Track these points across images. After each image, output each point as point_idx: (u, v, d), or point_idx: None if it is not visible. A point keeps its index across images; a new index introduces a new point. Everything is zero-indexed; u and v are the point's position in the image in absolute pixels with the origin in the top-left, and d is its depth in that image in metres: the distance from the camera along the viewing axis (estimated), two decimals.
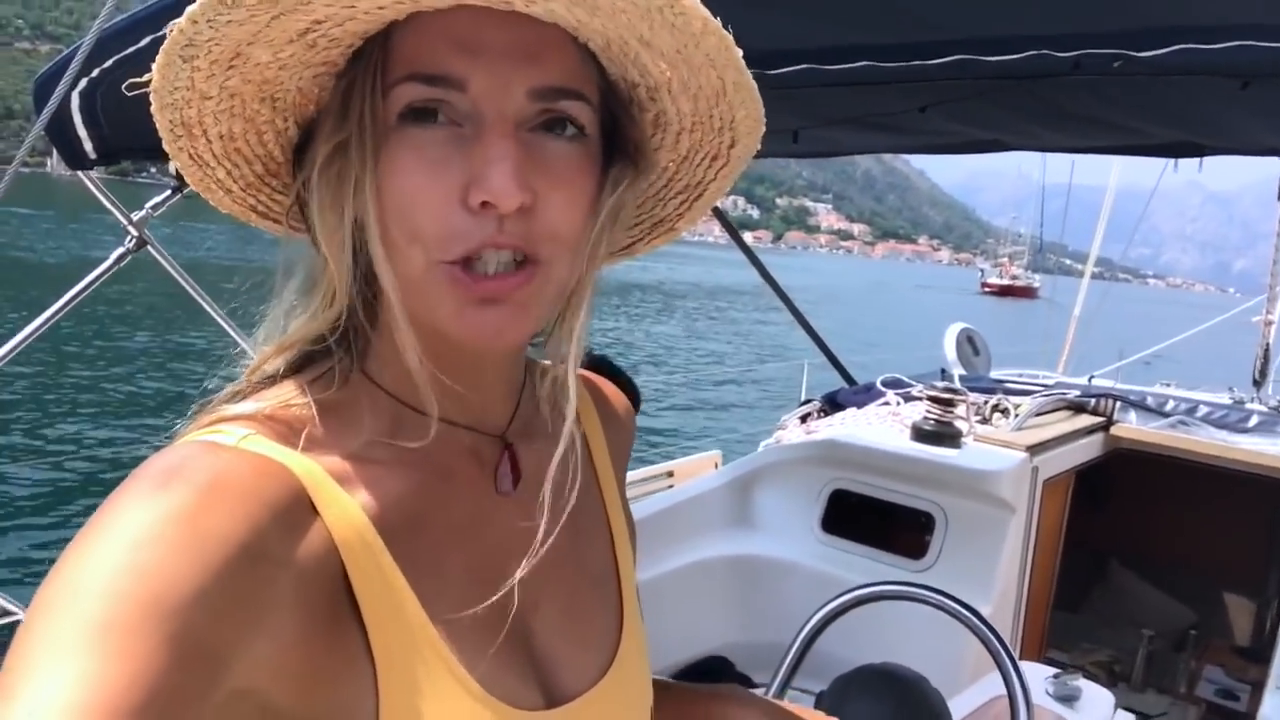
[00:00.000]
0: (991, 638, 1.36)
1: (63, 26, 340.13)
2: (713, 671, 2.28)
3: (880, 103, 1.83)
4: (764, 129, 0.65)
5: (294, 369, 0.63)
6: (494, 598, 0.63)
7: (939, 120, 1.85)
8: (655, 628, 2.23)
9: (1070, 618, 3.83)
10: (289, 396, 0.60)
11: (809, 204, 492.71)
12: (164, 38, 0.51)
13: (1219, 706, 3.59)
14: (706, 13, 0.55)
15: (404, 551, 0.58)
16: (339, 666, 0.54)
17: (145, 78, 0.58)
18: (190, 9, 0.52)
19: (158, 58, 0.56)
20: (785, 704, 0.96)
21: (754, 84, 0.61)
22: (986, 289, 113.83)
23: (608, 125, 0.63)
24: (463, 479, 0.65)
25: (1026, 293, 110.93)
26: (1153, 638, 3.72)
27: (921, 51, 1.51)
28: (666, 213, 0.74)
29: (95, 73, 1.96)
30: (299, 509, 0.54)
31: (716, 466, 3.87)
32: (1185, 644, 3.78)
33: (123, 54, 1.79)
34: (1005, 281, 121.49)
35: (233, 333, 2.55)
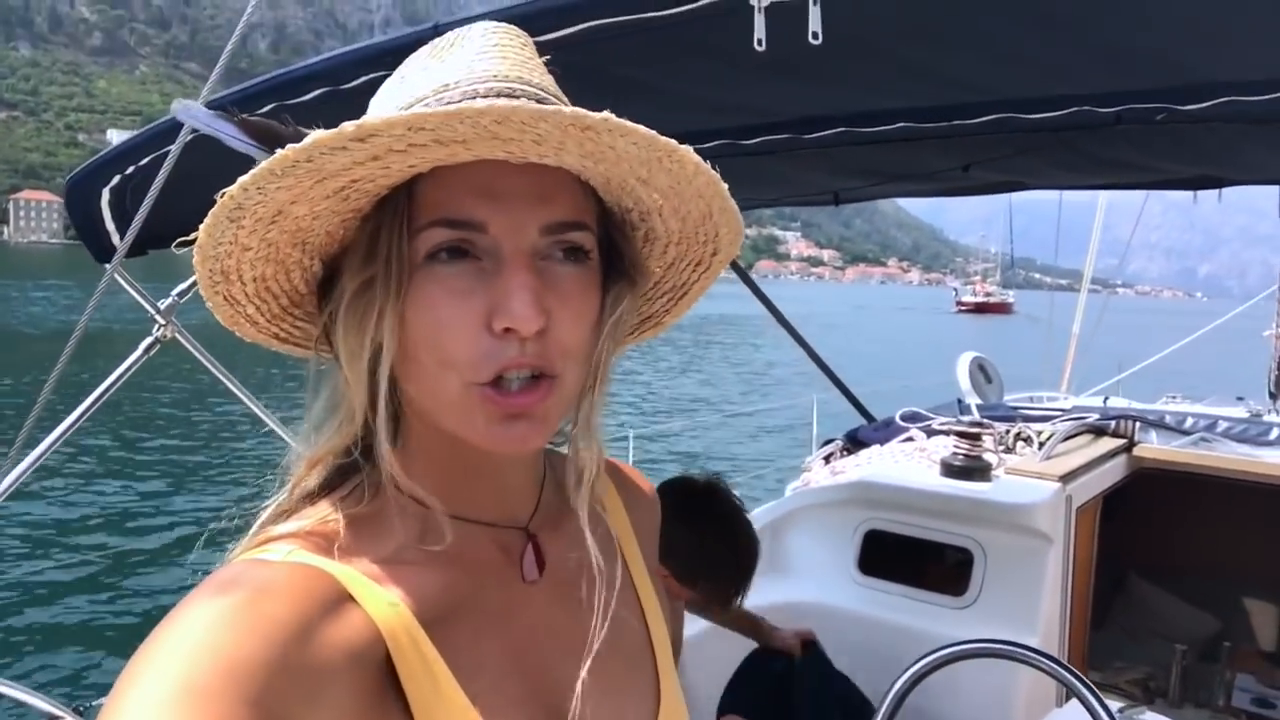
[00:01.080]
0: (1087, 693, 1.35)
1: (19, 94, 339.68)
2: None
3: (922, 161, 1.84)
4: (740, 240, 0.73)
5: (328, 483, 0.69)
6: (530, 681, 0.68)
7: (980, 172, 1.86)
8: (697, 685, 2.20)
9: (1095, 635, 3.82)
10: (325, 513, 0.66)
11: (778, 232, 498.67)
12: (194, 140, 0.57)
13: (1257, 716, 3.57)
14: (698, 158, 0.62)
15: (441, 640, 0.63)
16: None
17: (191, 236, 0.63)
18: (244, 178, 0.57)
19: (207, 219, 0.61)
20: None
21: (736, 207, 0.69)
22: (962, 307, 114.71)
23: (605, 245, 0.69)
24: (492, 572, 0.70)
25: (1001, 308, 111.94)
26: (1185, 651, 3.71)
27: (960, 112, 1.53)
28: (654, 310, 0.81)
29: (129, 170, 1.97)
30: (341, 602, 0.60)
31: None
32: (1217, 654, 3.77)
33: (154, 155, 1.81)
34: (980, 299, 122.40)
35: (261, 414, 2.54)
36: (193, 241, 0.63)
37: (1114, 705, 2.04)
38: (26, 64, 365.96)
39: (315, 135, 0.55)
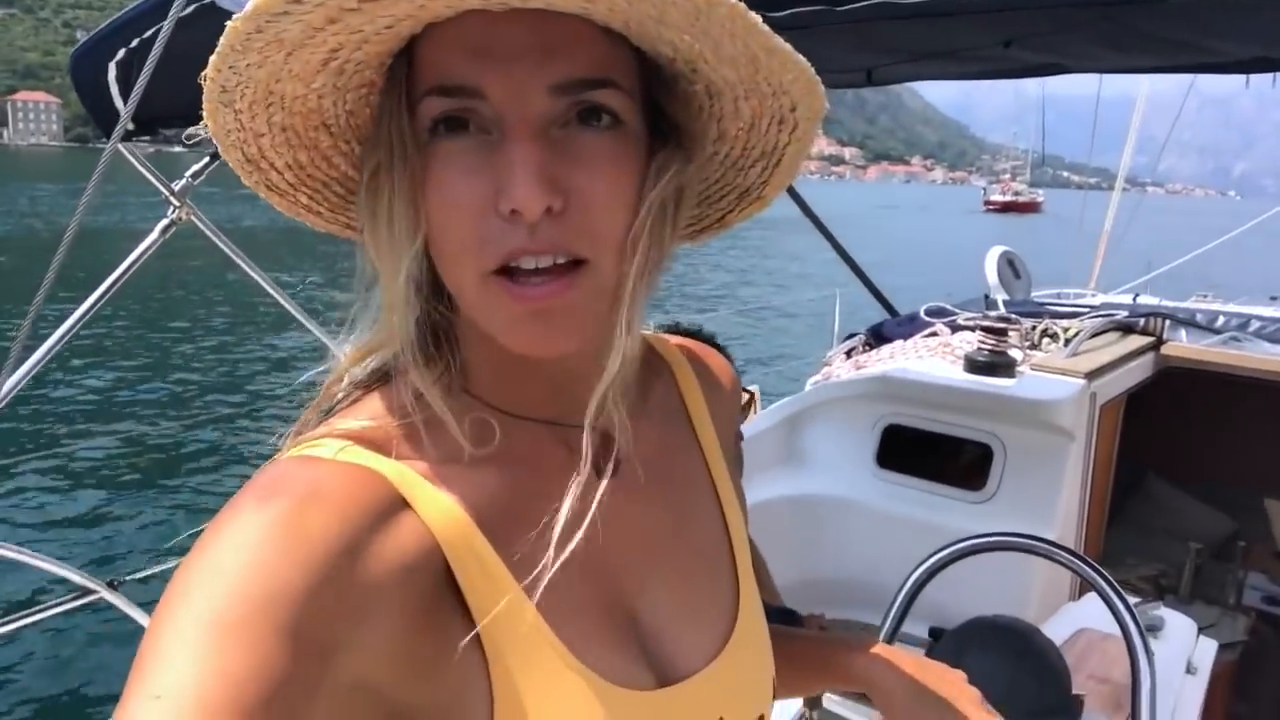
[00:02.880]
0: (1105, 586, 1.38)
1: None
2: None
3: (962, 37, 1.78)
4: (821, 91, 0.62)
5: (380, 376, 0.66)
6: (599, 582, 0.65)
7: (1022, 51, 1.80)
8: None
9: (1110, 531, 3.88)
10: (379, 408, 0.63)
11: None
12: (206, 7, 0.54)
13: (1267, 614, 3.65)
14: None
15: (503, 542, 0.60)
16: (449, 657, 0.57)
17: (202, 125, 0.59)
18: (212, 59, 0.54)
19: (204, 104, 0.57)
20: (910, 653, 0.96)
21: (788, 47, 0.58)
22: (990, 206, 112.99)
23: (653, 111, 0.62)
24: (557, 470, 0.64)
25: (1030, 208, 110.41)
26: (1200, 550, 3.78)
27: None
28: (749, 181, 0.72)
29: (134, 43, 1.93)
30: (395, 509, 0.57)
31: (754, 401, 3.89)
32: (1230, 554, 3.83)
33: (159, 26, 1.77)
34: (1008, 198, 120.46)
35: (281, 300, 2.56)
36: (203, 130, 0.60)
37: (1130, 601, 2.10)
38: None
39: (254, 1, 0.50)
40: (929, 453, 3.02)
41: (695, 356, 0.84)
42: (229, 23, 0.52)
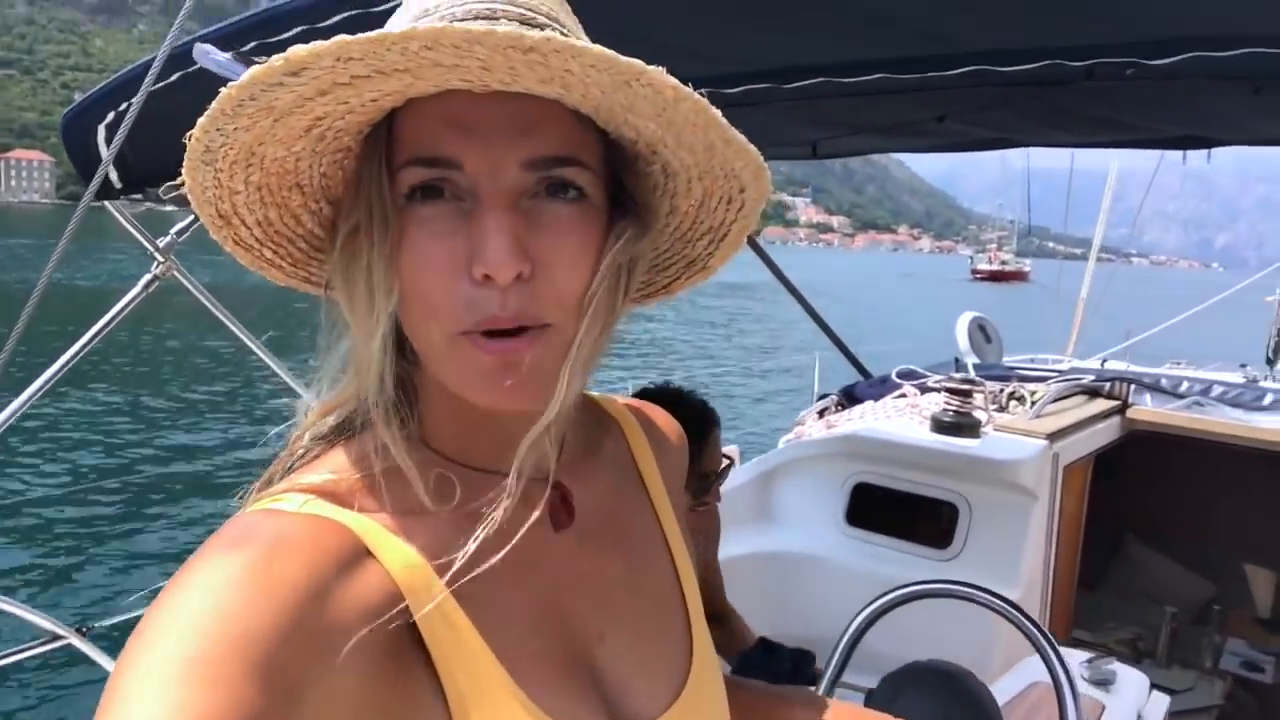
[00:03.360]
0: (1035, 631, 1.43)
1: (15, 52, 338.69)
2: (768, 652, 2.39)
3: (898, 112, 1.90)
4: (768, 177, 0.68)
5: (341, 432, 0.68)
6: (556, 632, 0.68)
7: (955, 125, 1.92)
8: None
9: (1088, 595, 3.91)
10: (341, 464, 0.65)
11: (787, 198, 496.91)
12: (192, 74, 0.60)
13: (1244, 679, 3.67)
14: (675, 81, 0.57)
15: (464, 593, 0.61)
16: (411, 702, 0.59)
17: (179, 181, 0.62)
18: (201, 120, 0.57)
19: (185, 162, 0.60)
20: (847, 704, 1.01)
21: (742, 138, 0.63)
22: (978, 275, 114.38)
23: (614, 186, 0.66)
24: (517, 523, 0.65)
25: (1018, 276, 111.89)
26: (1175, 614, 3.81)
27: (937, 64, 1.58)
28: (696, 253, 0.77)
29: (123, 106, 2.03)
30: (360, 559, 0.59)
31: (734, 462, 3.96)
32: (1208, 618, 3.87)
33: (152, 89, 1.85)
34: (995, 267, 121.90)
35: (261, 354, 2.64)
36: (181, 185, 0.62)
37: (1082, 656, 2.14)
38: (23, 22, 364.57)
39: (251, 71, 0.53)
40: (897, 511, 3.09)
41: (642, 414, 0.88)
42: (224, 89, 0.55)
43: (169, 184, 0.65)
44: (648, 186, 0.69)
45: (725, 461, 2.01)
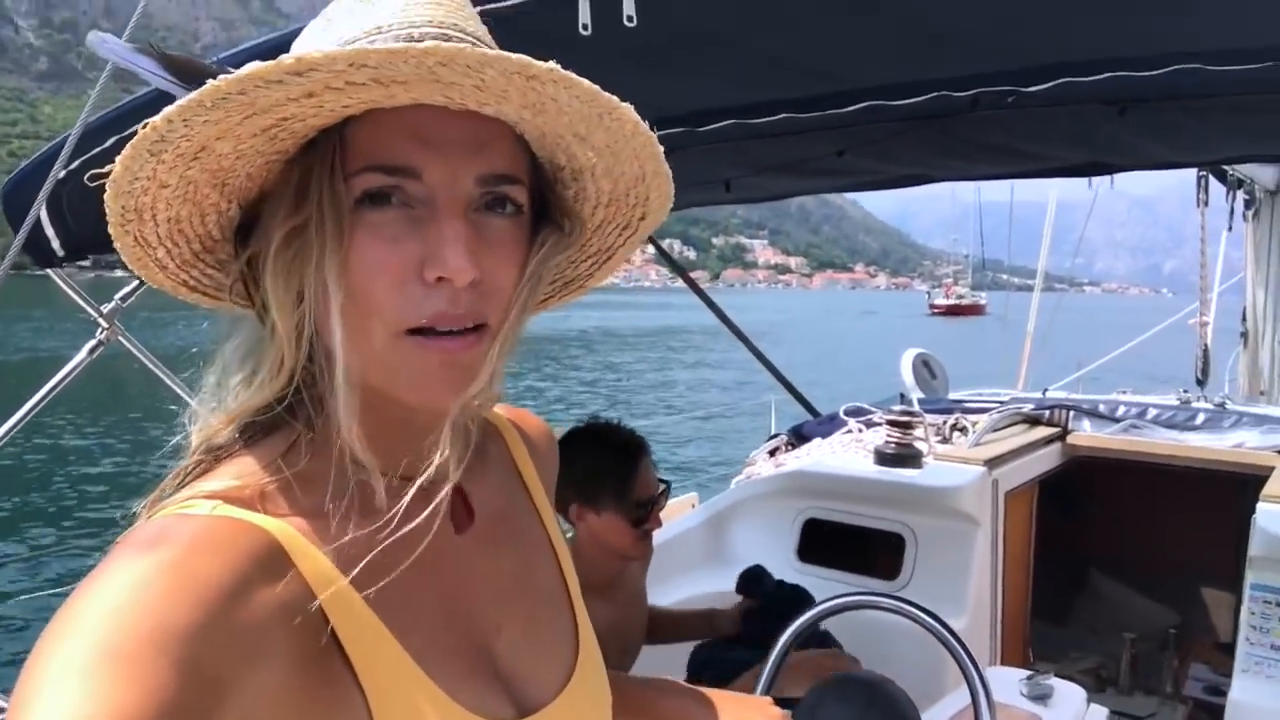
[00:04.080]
0: (948, 635, 1.49)
1: None
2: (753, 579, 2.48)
3: (802, 149, 2.02)
4: (670, 205, 0.75)
5: (245, 438, 0.68)
6: (460, 627, 0.72)
7: (861, 160, 2.04)
8: (645, 666, 2.31)
9: (1056, 630, 3.96)
10: (249, 468, 0.66)
11: (745, 241, 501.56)
12: (130, 137, 0.59)
13: (1206, 703, 3.71)
14: (636, 117, 0.65)
15: (374, 594, 0.64)
16: (333, 700, 0.61)
17: (106, 168, 0.61)
18: (169, 109, 0.57)
19: (125, 150, 0.59)
20: (719, 692, 1.08)
21: (669, 171, 0.71)
22: (935, 310, 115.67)
23: (535, 201, 0.71)
24: (422, 526, 0.68)
25: (974, 310, 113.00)
26: (1135, 640, 3.87)
27: (834, 101, 1.70)
28: (577, 274, 0.83)
29: (62, 174, 2.09)
30: (276, 559, 0.60)
31: (694, 507, 4.01)
32: (1168, 644, 3.93)
33: (88, 155, 1.91)
34: (952, 301, 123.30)
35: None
36: (107, 175, 0.61)
37: (1021, 674, 2.20)
38: None
39: (251, 66, 0.54)
40: (847, 544, 3.15)
41: (517, 421, 0.93)
42: (212, 81, 0.55)
43: (94, 171, 0.63)
44: (564, 203, 0.75)
45: (661, 485, 2.05)
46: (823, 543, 3.18)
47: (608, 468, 1.96)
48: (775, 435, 3.90)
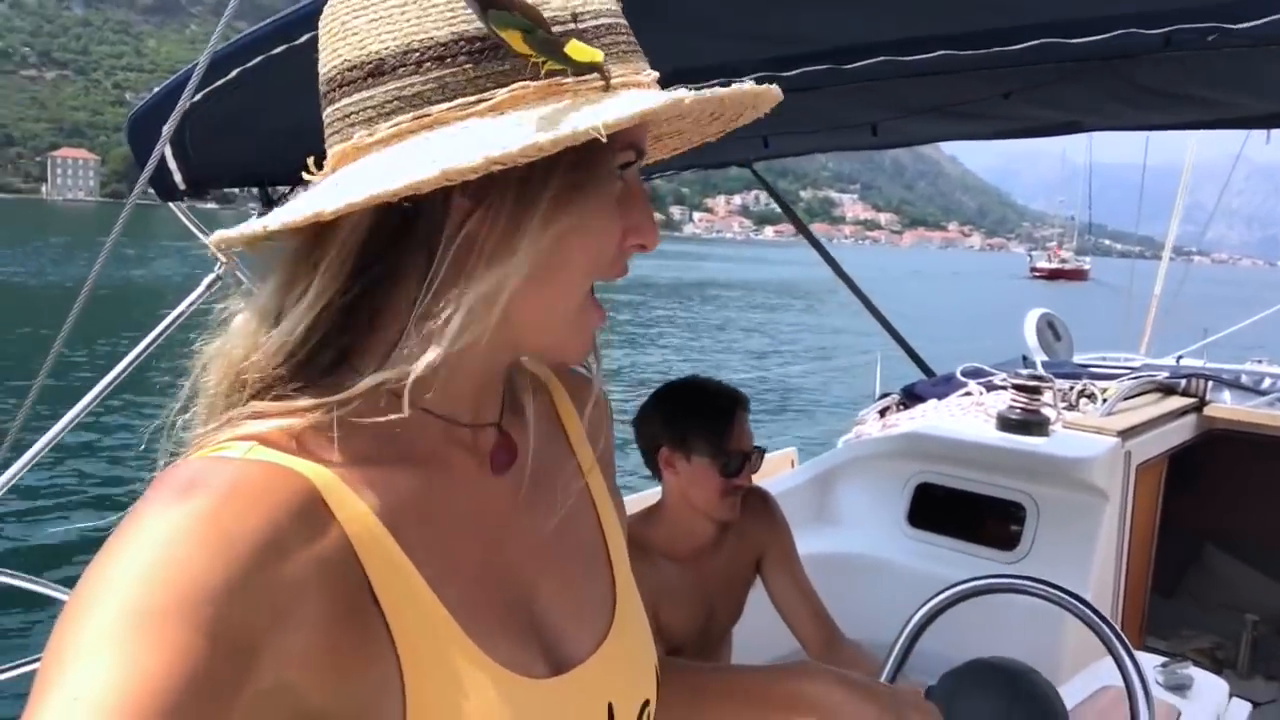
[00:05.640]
0: (1105, 628, 1.39)
1: (70, 53, 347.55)
2: None
3: (961, 91, 1.87)
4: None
5: (288, 381, 0.65)
6: (497, 580, 0.71)
7: (1022, 106, 1.89)
8: (744, 627, 2.26)
9: (1165, 603, 3.81)
10: (289, 410, 0.63)
11: (834, 195, 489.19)
12: (253, 69, 0.59)
13: None
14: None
15: (412, 544, 0.64)
16: (366, 655, 0.60)
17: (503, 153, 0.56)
18: (619, 114, 0.57)
19: (541, 143, 0.56)
20: (860, 677, 1.00)
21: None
22: (1036, 273, 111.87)
23: None
24: (461, 470, 0.71)
25: (1077, 275, 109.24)
26: (1257, 623, 3.69)
27: (1001, 37, 1.55)
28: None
29: (187, 106, 2.08)
30: (314, 508, 0.59)
31: (793, 464, 3.92)
32: None
33: (211, 87, 1.90)
34: (1055, 265, 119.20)
35: None
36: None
37: (1157, 660, 2.08)
38: (79, 23, 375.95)
39: (741, 90, 0.65)
40: (961, 512, 3.04)
41: (565, 376, 0.91)
42: (676, 96, 0.59)
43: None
44: None
45: (757, 449, 2.00)
46: (935, 509, 3.07)
47: (704, 413, 1.95)
48: (886, 394, 3.78)
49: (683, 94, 0.60)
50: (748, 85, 0.66)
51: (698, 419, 1.94)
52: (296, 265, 0.64)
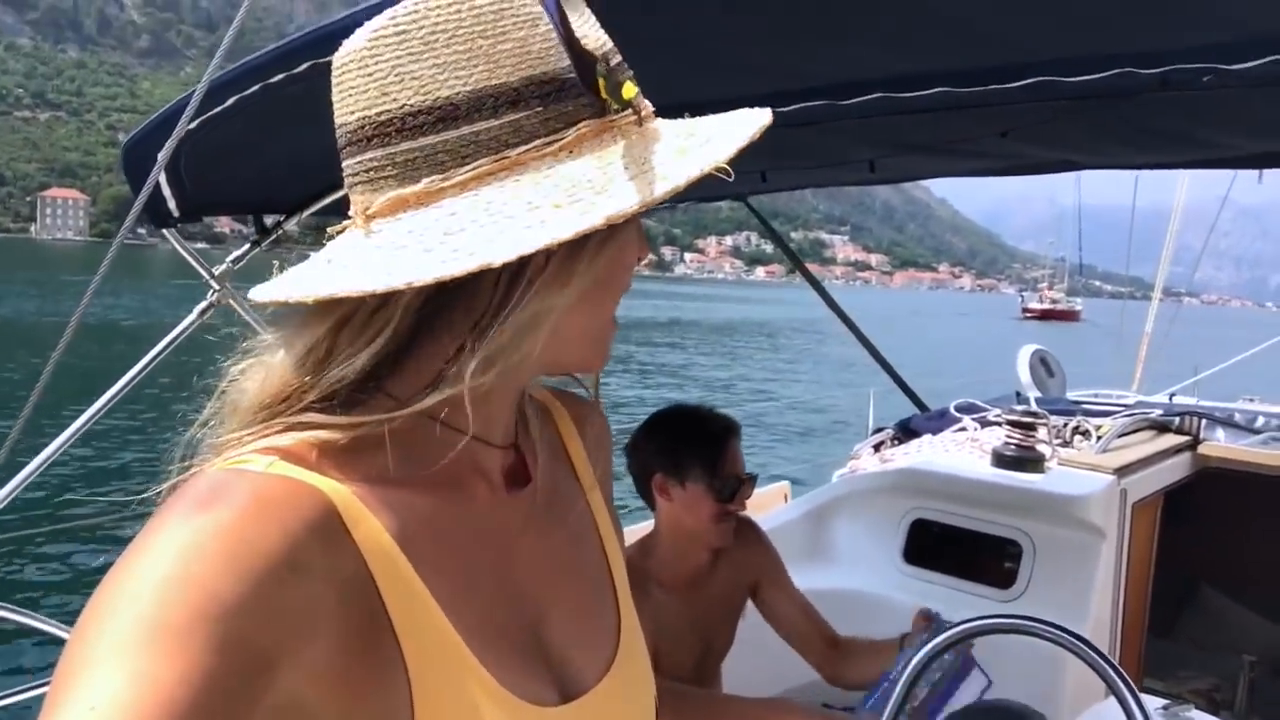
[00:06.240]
0: (1109, 670, 1.38)
1: (64, 94, 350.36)
2: None
3: (959, 128, 1.89)
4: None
5: (311, 400, 0.66)
6: (510, 604, 0.72)
7: (1019, 144, 1.90)
8: (738, 665, 2.24)
9: (1162, 643, 3.78)
10: (310, 427, 0.64)
11: (824, 236, 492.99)
12: (250, 97, 0.60)
13: None
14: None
15: (426, 565, 0.64)
16: (377, 676, 0.60)
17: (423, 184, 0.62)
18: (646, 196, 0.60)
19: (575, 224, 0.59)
20: (841, 715, 1.01)
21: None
22: (1028, 314, 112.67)
23: None
24: (475, 491, 0.72)
25: (1070, 316, 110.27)
26: (1254, 663, 3.66)
27: (999, 75, 1.57)
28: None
29: (181, 133, 2.08)
30: (332, 525, 0.60)
31: (786, 498, 3.90)
32: None
33: (208, 115, 1.89)
34: (1046, 305, 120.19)
35: None
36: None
37: (1158, 702, 2.06)
38: (73, 65, 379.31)
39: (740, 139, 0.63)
40: (957, 549, 3.02)
41: (564, 397, 0.92)
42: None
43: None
44: None
45: (750, 476, 2.01)
46: (931, 546, 3.05)
47: (698, 439, 1.96)
48: (881, 429, 3.77)
49: (750, 133, 0.63)
50: (761, 114, 0.66)
51: (692, 445, 1.95)
52: (357, 304, 0.64)
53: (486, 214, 0.60)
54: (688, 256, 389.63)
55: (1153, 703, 2.05)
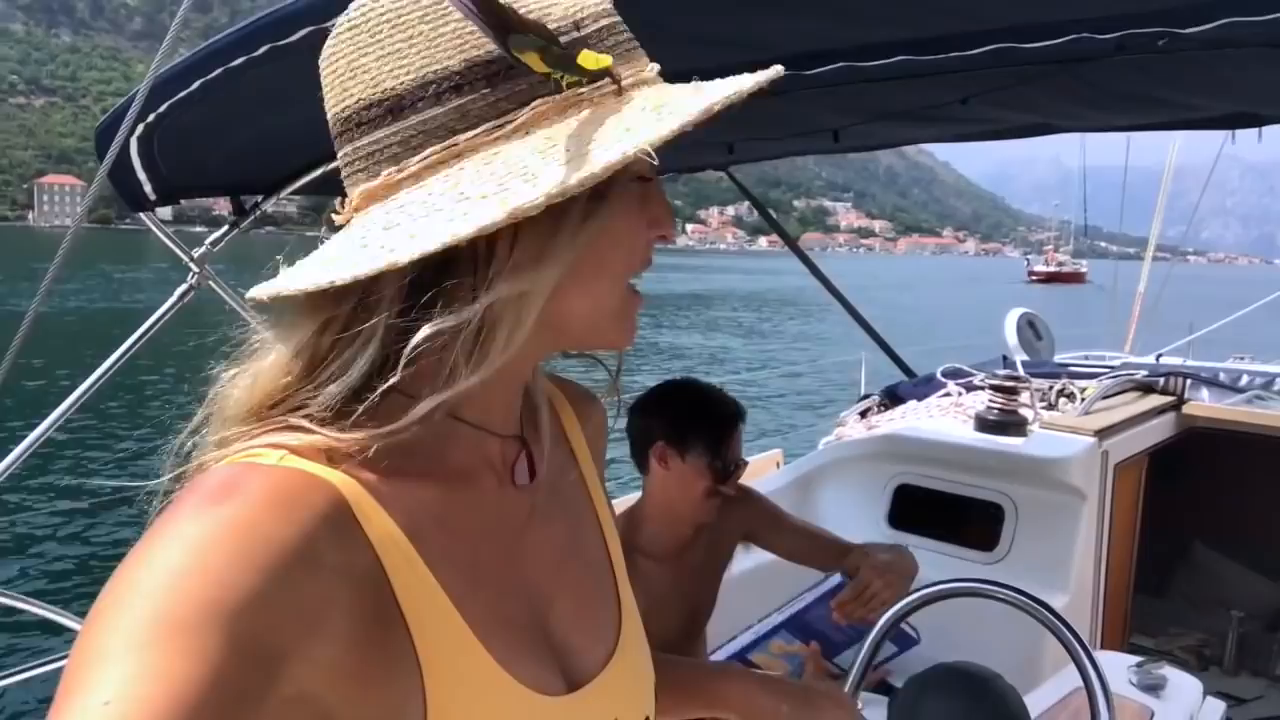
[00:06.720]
0: (1062, 628, 1.39)
1: (58, 79, 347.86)
2: None
3: (920, 96, 1.89)
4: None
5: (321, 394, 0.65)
6: (518, 595, 0.72)
7: (983, 109, 1.90)
8: (725, 631, 2.26)
9: (1154, 602, 3.82)
10: (320, 420, 0.63)
11: (827, 204, 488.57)
12: (213, 81, 0.58)
13: None
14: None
15: (436, 557, 0.64)
16: (389, 668, 0.60)
17: (425, 155, 0.61)
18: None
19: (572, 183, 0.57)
20: (789, 680, 1.04)
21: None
22: (1034, 277, 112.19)
23: None
24: (482, 482, 0.72)
25: (1075, 278, 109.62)
26: (1243, 619, 3.70)
27: (958, 43, 1.57)
28: None
29: (151, 118, 2.09)
30: (345, 519, 0.59)
31: (779, 465, 3.93)
32: (1278, 624, 3.75)
33: (176, 98, 1.90)
34: (1053, 268, 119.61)
35: None
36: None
37: (1131, 660, 2.08)
38: (67, 50, 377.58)
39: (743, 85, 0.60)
40: (941, 513, 3.05)
41: (567, 388, 0.92)
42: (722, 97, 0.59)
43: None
44: None
45: (744, 461, 2.04)
46: (915, 510, 3.08)
47: (709, 418, 1.98)
48: (867, 395, 3.79)
49: (712, 100, 0.60)
50: (752, 77, 0.62)
51: (701, 423, 1.97)
52: (339, 304, 0.63)
53: (422, 206, 0.59)
54: (689, 228, 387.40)
55: (1125, 660, 2.08)
